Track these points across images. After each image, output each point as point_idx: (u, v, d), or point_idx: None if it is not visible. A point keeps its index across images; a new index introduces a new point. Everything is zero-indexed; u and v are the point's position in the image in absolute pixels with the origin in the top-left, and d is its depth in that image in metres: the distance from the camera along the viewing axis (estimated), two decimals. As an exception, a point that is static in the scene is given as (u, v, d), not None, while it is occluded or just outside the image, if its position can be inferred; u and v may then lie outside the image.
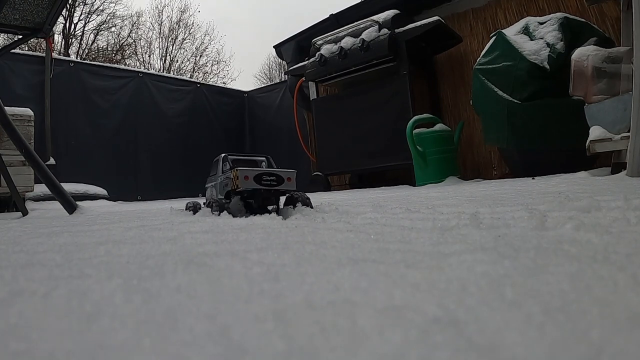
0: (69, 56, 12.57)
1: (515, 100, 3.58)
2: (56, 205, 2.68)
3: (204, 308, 0.33)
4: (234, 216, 1.34)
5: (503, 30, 3.88)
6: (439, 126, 4.40)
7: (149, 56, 16.78)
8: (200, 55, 17.94)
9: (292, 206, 1.51)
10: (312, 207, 1.49)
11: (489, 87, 3.77)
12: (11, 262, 0.59)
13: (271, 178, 1.41)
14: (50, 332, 0.28)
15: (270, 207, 1.51)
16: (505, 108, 3.63)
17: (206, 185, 1.81)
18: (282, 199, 1.57)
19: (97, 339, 0.27)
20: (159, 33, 17.20)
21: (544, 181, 2.67)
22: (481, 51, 4.06)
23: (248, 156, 1.69)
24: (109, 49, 15.40)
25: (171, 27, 17.37)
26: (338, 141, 5.27)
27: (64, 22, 14.03)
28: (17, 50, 4.95)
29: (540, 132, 3.52)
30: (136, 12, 21.02)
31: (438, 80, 5.43)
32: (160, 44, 17.24)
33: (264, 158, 1.70)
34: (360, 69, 4.98)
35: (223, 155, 1.66)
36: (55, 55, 6.20)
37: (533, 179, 3.18)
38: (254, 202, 1.48)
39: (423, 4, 5.37)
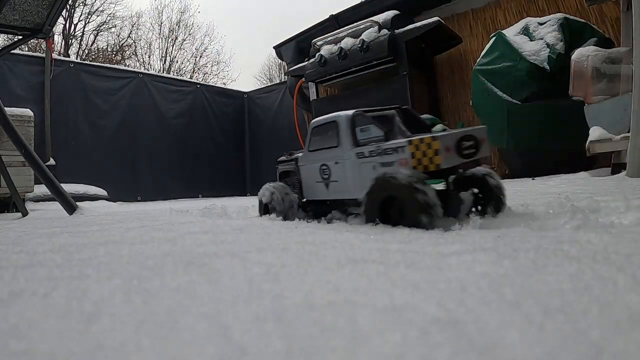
0: (69, 57, 12.55)
1: (515, 101, 3.58)
2: (56, 205, 2.68)
3: (204, 308, 0.33)
4: (428, 224, 0.84)
5: (503, 31, 3.88)
6: (438, 127, 4.39)
7: (149, 57, 16.80)
8: (200, 56, 17.95)
9: (489, 205, 1.03)
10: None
11: (489, 87, 3.77)
12: (11, 262, 0.59)
13: (469, 143, 0.95)
14: (50, 332, 0.28)
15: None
16: (505, 109, 3.63)
17: (300, 165, 1.30)
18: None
19: (97, 339, 0.27)
20: (159, 34, 17.22)
21: (544, 182, 2.67)
22: (481, 52, 4.06)
23: (375, 111, 1.21)
24: (109, 49, 15.40)
25: (171, 28, 17.38)
26: (338, 142, 5.26)
27: (63, 22, 14.02)
28: (17, 51, 4.95)
29: (540, 133, 3.52)
30: (136, 13, 21.05)
31: (438, 81, 5.43)
32: (160, 44, 17.25)
33: (394, 111, 1.16)
34: (360, 69, 4.98)
35: (352, 114, 1.09)
36: (55, 55, 6.20)
37: (533, 179, 3.18)
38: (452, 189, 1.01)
39: (423, 4, 5.37)
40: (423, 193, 0.82)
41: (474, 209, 1.02)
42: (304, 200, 1.28)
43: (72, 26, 14.62)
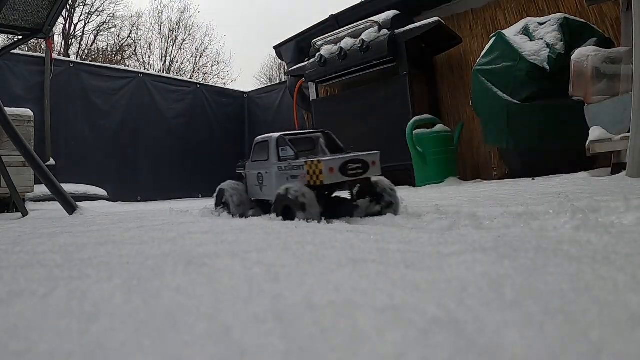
0: (69, 57, 12.54)
1: (515, 101, 3.58)
2: (56, 205, 2.69)
3: (204, 308, 0.33)
4: (309, 219, 1.11)
5: (503, 31, 3.88)
6: (438, 127, 4.39)
7: (149, 57, 16.77)
8: (200, 56, 17.94)
9: (378, 205, 1.29)
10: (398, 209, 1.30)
11: (489, 87, 3.77)
12: (11, 262, 0.59)
13: (357, 165, 1.21)
14: (50, 332, 0.28)
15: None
16: (505, 109, 3.63)
17: (246, 171, 1.60)
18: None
19: (97, 339, 0.27)
20: (159, 34, 17.20)
21: (544, 182, 2.67)
22: (481, 52, 4.05)
23: (301, 134, 1.46)
24: (109, 49, 15.39)
25: (171, 28, 17.36)
26: (338, 142, 5.26)
27: (63, 22, 14.01)
28: (16, 51, 4.94)
29: (539, 133, 3.52)
30: (136, 13, 21.06)
31: (438, 81, 5.42)
32: (160, 44, 17.24)
33: (319, 134, 1.45)
34: (360, 69, 4.98)
35: (277, 136, 1.41)
36: (55, 55, 6.20)
37: (533, 179, 3.18)
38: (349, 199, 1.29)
39: (423, 4, 5.37)
40: (301, 202, 1.09)
41: (377, 210, 1.23)
42: (253, 199, 1.56)
43: (72, 26, 14.62)
